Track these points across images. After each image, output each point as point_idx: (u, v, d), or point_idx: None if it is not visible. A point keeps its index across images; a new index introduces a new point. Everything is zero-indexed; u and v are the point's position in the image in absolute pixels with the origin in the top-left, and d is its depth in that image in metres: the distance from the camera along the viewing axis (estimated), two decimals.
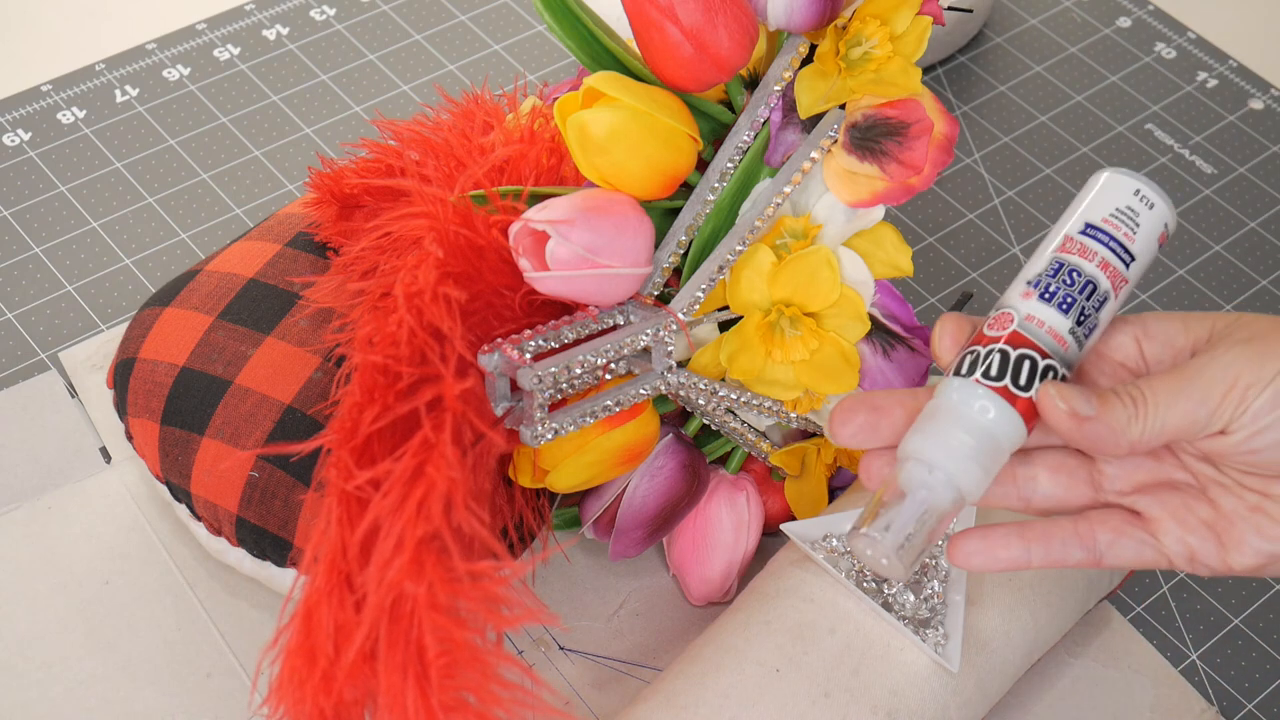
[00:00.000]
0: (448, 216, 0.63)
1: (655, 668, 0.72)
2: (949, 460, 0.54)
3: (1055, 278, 0.56)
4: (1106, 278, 0.57)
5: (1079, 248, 0.57)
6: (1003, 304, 0.57)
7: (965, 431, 0.55)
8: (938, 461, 0.54)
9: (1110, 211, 0.57)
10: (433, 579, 0.56)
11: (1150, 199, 0.58)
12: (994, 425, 0.55)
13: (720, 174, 0.67)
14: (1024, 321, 0.56)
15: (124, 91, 0.96)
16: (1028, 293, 0.57)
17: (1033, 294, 0.56)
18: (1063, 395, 0.54)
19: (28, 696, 0.70)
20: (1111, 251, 0.57)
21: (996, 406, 0.55)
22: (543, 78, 0.99)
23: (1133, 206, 0.57)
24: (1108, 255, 0.57)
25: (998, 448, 0.55)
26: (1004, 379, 0.55)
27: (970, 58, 1.02)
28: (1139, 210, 0.57)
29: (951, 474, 0.54)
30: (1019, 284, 0.57)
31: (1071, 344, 0.56)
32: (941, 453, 0.54)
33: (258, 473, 0.70)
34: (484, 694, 0.56)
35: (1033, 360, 0.55)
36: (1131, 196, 0.57)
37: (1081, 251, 0.57)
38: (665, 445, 0.69)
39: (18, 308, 0.85)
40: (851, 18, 0.66)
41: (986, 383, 0.55)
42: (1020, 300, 0.57)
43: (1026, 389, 0.55)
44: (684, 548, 0.72)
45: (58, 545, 0.75)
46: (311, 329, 0.73)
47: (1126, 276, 0.57)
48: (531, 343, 0.63)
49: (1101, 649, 0.74)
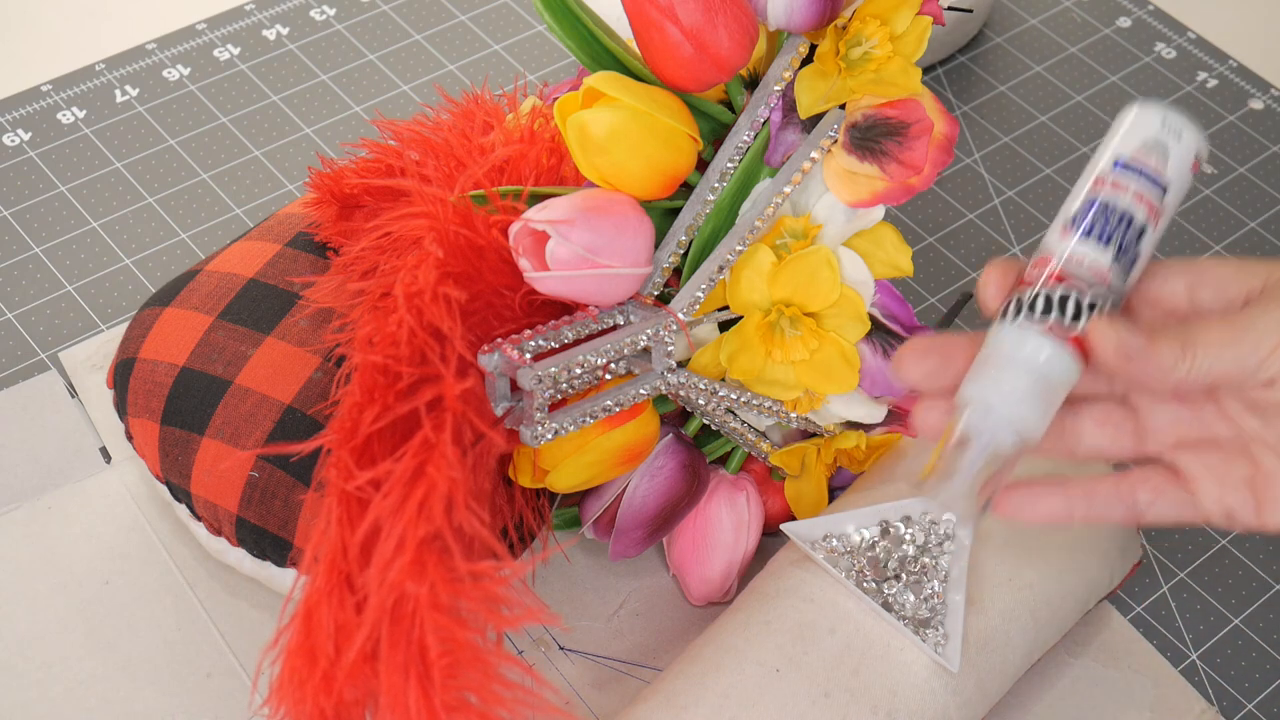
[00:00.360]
0: (448, 216, 0.63)
1: (655, 668, 0.72)
2: (1007, 404, 0.55)
3: (1091, 214, 0.57)
4: (1143, 209, 0.57)
5: (1112, 183, 0.57)
6: (1042, 247, 0.57)
7: (1020, 374, 0.55)
8: (996, 406, 0.55)
9: (1139, 144, 0.58)
10: (434, 579, 0.56)
11: (1178, 129, 0.58)
12: (1048, 365, 0.55)
13: (720, 174, 0.67)
14: (1065, 260, 0.56)
15: (124, 91, 0.96)
16: (1066, 232, 0.57)
17: (1071, 232, 0.57)
18: (1113, 329, 0.54)
19: (28, 696, 0.70)
20: (1145, 183, 0.57)
21: (1048, 346, 0.55)
22: (543, 78, 0.99)
23: (1160, 139, 0.58)
24: (1141, 187, 0.57)
25: (1053, 387, 0.55)
26: (1051, 318, 0.55)
27: (970, 58, 1.02)
28: (1168, 142, 0.58)
29: (1010, 417, 0.55)
30: (1056, 226, 0.58)
31: (1115, 278, 0.56)
32: (998, 397, 0.55)
33: (258, 473, 0.70)
34: (486, 694, 0.56)
35: (1078, 297, 0.56)
36: (1159, 129, 0.58)
37: (1115, 186, 0.57)
38: (665, 445, 0.69)
39: (18, 308, 0.85)
40: (851, 18, 0.66)
41: (1037, 324, 0.55)
42: (1059, 240, 0.57)
43: (1075, 326, 0.55)
44: (684, 548, 0.72)
45: (58, 545, 0.75)
46: (311, 329, 0.73)
47: (1162, 207, 0.57)
48: (531, 343, 0.63)
49: (1101, 649, 0.74)
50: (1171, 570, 0.78)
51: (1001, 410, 0.55)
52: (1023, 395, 0.55)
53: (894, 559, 0.67)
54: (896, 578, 0.67)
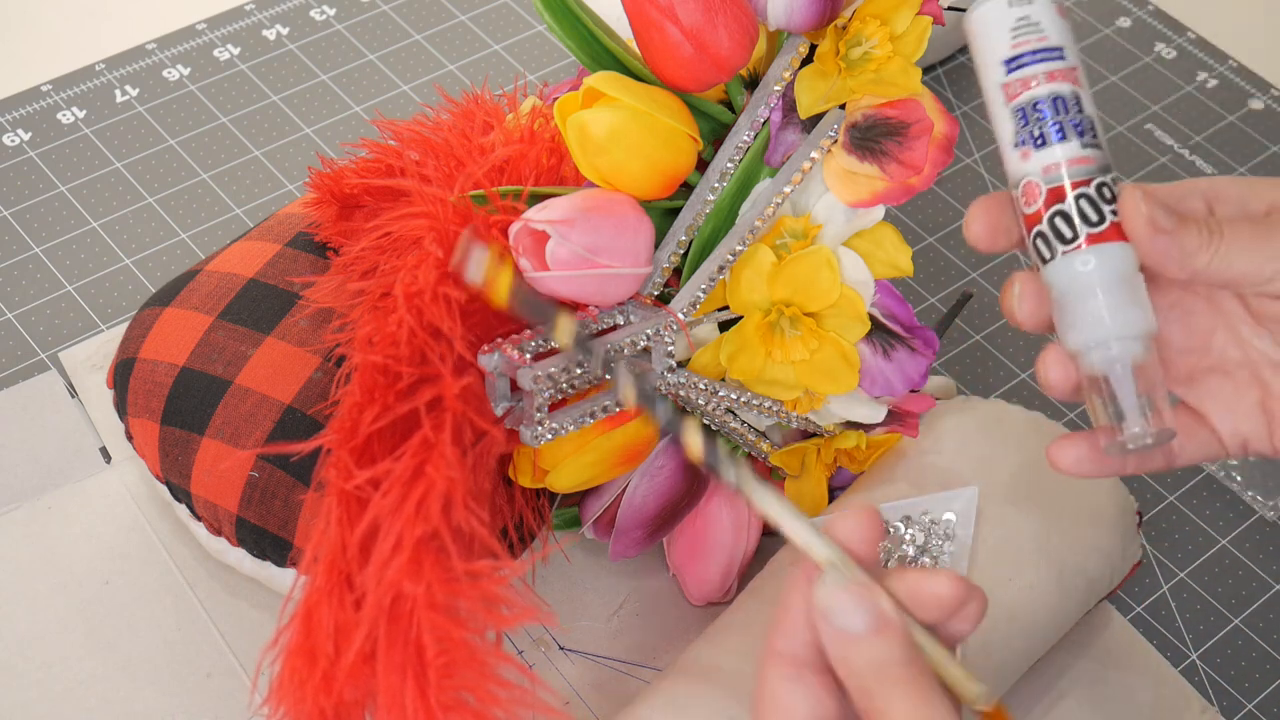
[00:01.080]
0: (448, 216, 0.63)
1: (655, 668, 0.72)
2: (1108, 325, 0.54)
3: (1028, 124, 0.55)
4: (1063, 82, 0.55)
5: (1018, 84, 0.55)
6: (1015, 179, 0.56)
7: (1095, 293, 0.54)
8: (1101, 336, 0.54)
9: (1008, 36, 0.56)
10: (431, 579, 0.56)
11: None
12: (1107, 268, 0.54)
13: (720, 174, 0.67)
14: (1044, 176, 0.55)
15: (124, 91, 0.96)
16: (1025, 153, 0.56)
17: (1029, 151, 0.55)
18: (1147, 202, 0.54)
19: (28, 696, 0.70)
20: (1041, 61, 0.55)
21: (1094, 253, 0.54)
22: (543, 78, 0.99)
23: (1018, 15, 0.56)
24: (1044, 67, 0.55)
25: (1129, 280, 0.54)
26: (1078, 230, 0.54)
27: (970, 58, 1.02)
28: (1025, 13, 0.56)
29: (1120, 332, 0.54)
30: (1010, 154, 0.56)
31: (1093, 152, 0.55)
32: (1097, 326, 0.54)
33: (258, 473, 0.70)
34: (483, 694, 0.56)
35: (1079, 196, 0.55)
36: (1007, 9, 0.56)
37: (1023, 85, 0.55)
38: (665, 445, 0.69)
39: (18, 308, 0.85)
40: (851, 18, 0.66)
41: (1070, 248, 0.54)
42: (1024, 164, 0.55)
43: (1100, 221, 0.54)
44: (684, 548, 0.72)
45: (58, 545, 0.75)
46: (311, 329, 0.73)
47: (1071, 64, 0.56)
48: (531, 343, 0.63)
49: (1101, 649, 0.74)
50: (1171, 570, 0.78)
51: (1109, 333, 0.54)
52: (1113, 307, 0.54)
53: (894, 559, 0.67)
54: None
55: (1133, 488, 0.81)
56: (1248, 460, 0.82)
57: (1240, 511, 0.80)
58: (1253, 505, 0.80)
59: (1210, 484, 0.81)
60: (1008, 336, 0.87)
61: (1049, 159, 0.55)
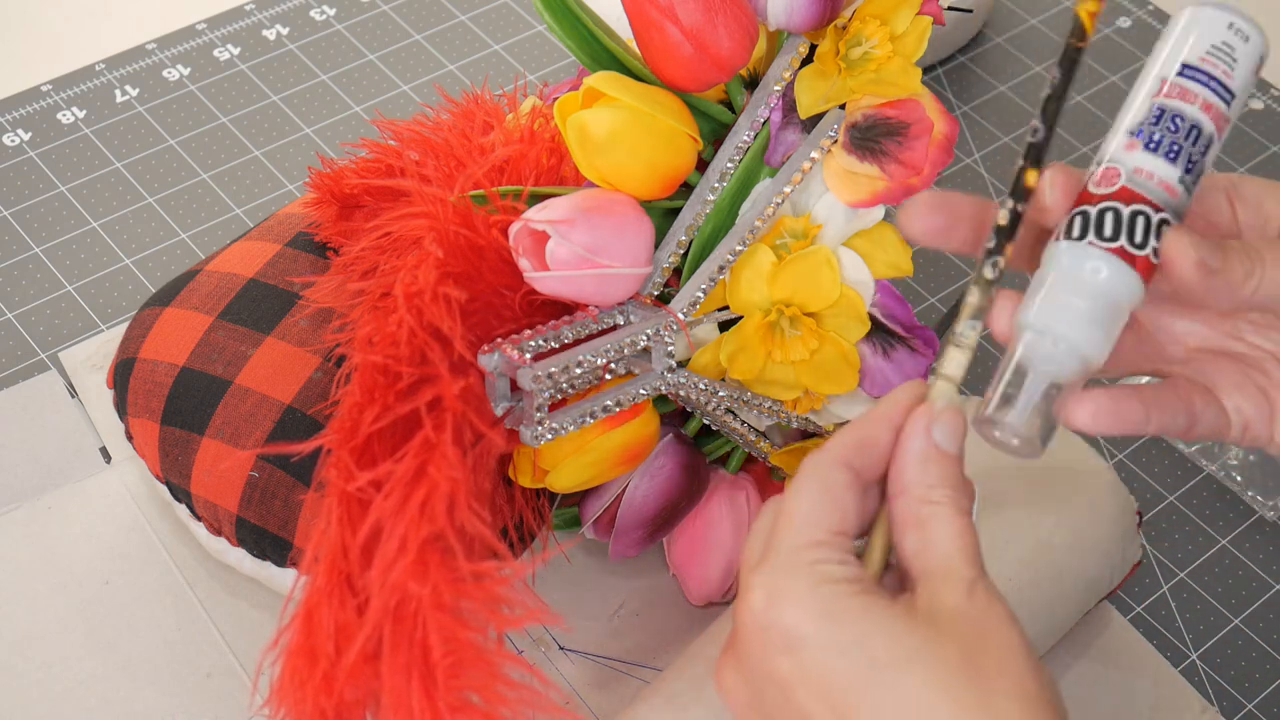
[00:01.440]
0: (448, 216, 0.63)
1: (655, 668, 0.72)
2: (1069, 327, 0.52)
3: (1158, 125, 0.53)
4: (1210, 120, 0.53)
5: (1179, 91, 0.54)
6: (1106, 158, 0.54)
7: (1082, 296, 0.52)
8: (1057, 330, 0.52)
9: (1206, 49, 0.54)
10: (437, 580, 0.56)
11: (1245, 31, 0.54)
12: (1111, 287, 0.52)
13: (720, 174, 0.67)
14: (1132, 175, 0.53)
15: (124, 91, 0.96)
16: (1131, 144, 0.53)
17: (1137, 144, 0.53)
18: (1195, 245, 0.52)
19: (28, 696, 0.70)
20: (1212, 92, 0.54)
21: (1112, 267, 0.52)
22: (543, 78, 0.99)
23: (1228, 41, 0.54)
24: (1209, 96, 0.54)
25: (1118, 309, 0.52)
26: (1119, 239, 0.52)
27: (970, 58, 1.02)
28: (1235, 45, 0.54)
29: (1073, 341, 0.52)
30: (1119, 135, 0.54)
31: (1181, 193, 0.53)
32: (1061, 319, 0.52)
33: (258, 473, 0.70)
34: (489, 694, 0.56)
35: (1147, 216, 0.52)
36: (1226, 30, 0.54)
37: (1182, 95, 0.53)
38: (665, 445, 0.69)
39: (18, 308, 0.85)
40: (851, 18, 0.66)
41: (1101, 244, 0.52)
42: (1125, 153, 0.53)
43: (1143, 246, 0.52)
44: (684, 548, 0.72)
45: (58, 545, 0.75)
46: (311, 329, 0.73)
47: (1229, 115, 0.54)
48: (531, 343, 0.63)
49: (1101, 649, 0.74)
50: (1171, 570, 0.78)
51: (1065, 334, 0.51)
52: (1087, 318, 0.51)
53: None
54: None
55: (1133, 488, 0.81)
56: (1248, 460, 0.82)
57: (1240, 511, 0.80)
58: (1253, 505, 0.81)
59: (1210, 484, 0.81)
60: None
61: (1148, 165, 0.53)
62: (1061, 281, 0.52)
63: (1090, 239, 0.52)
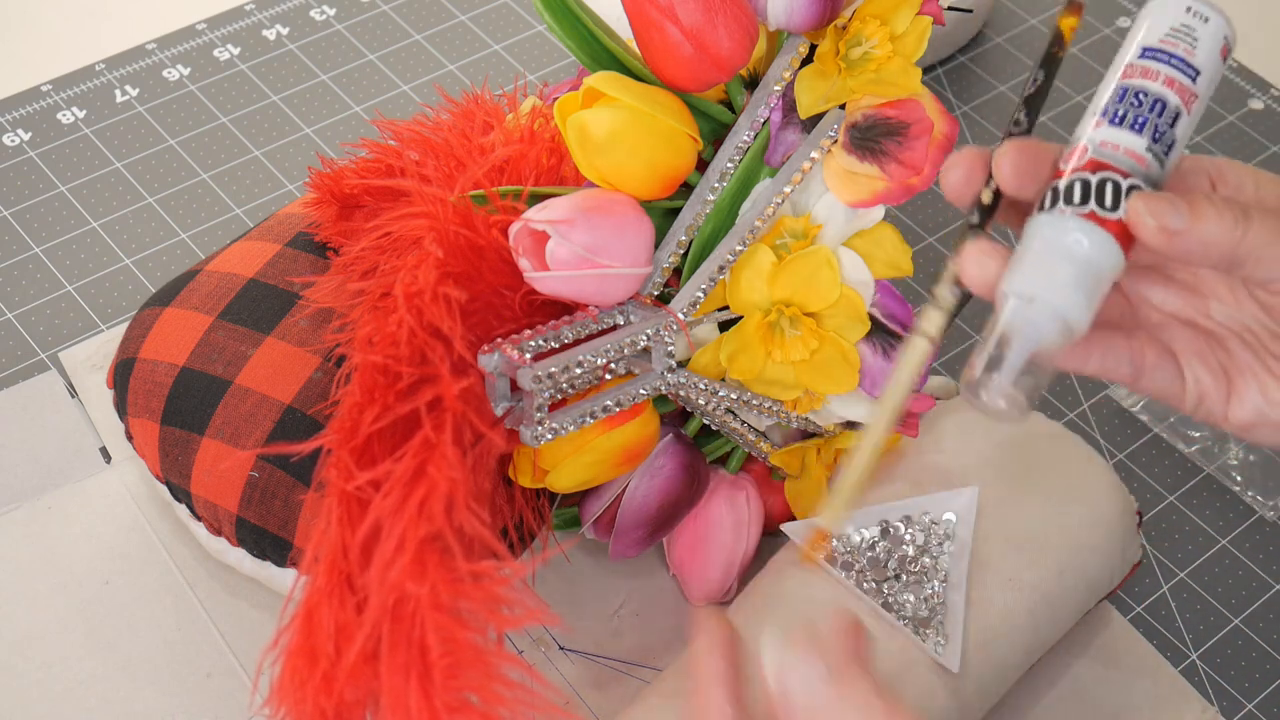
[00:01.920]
0: (448, 216, 0.63)
1: (655, 668, 0.72)
2: (1051, 292, 0.53)
3: (1122, 102, 0.56)
4: (1175, 94, 0.56)
5: (1140, 70, 0.56)
6: (1074, 139, 0.56)
7: (1062, 263, 0.53)
8: (1040, 294, 0.53)
9: (1165, 31, 0.56)
10: (435, 580, 0.56)
11: (1204, 13, 0.57)
12: (1090, 253, 0.53)
13: (720, 174, 0.67)
14: (1099, 148, 0.55)
15: (124, 91, 0.96)
16: (1098, 122, 0.55)
17: (1103, 122, 0.55)
18: (1151, 210, 0.53)
19: (28, 696, 0.70)
20: (1174, 68, 0.56)
21: (1089, 233, 0.53)
22: (543, 78, 0.99)
23: (1187, 23, 0.57)
24: (1171, 73, 0.56)
25: (1098, 276, 0.54)
26: (1089, 203, 0.54)
27: (970, 58, 1.02)
28: (1194, 25, 0.57)
29: (1056, 306, 0.53)
30: (1087, 119, 0.56)
31: (1151, 161, 0.55)
32: (1043, 286, 0.53)
33: (258, 473, 0.70)
34: (487, 694, 0.56)
35: (1115, 182, 0.54)
36: (1184, 14, 0.57)
37: (1144, 73, 0.56)
38: (665, 445, 0.69)
39: (18, 308, 0.85)
40: (851, 18, 0.66)
41: (1072, 209, 0.54)
42: (1091, 130, 0.55)
43: (1114, 209, 0.54)
44: (684, 548, 0.72)
45: (58, 545, 0.75)
46: (311, 329, 0.73)
47: (1195, 91, 0.56)
48: (531, 343, 0.63)
49: (1101, 649, 0.74)
50: (1171, 570, 0.78)
51: (1046, 301, 0.53)
52: (1067, 284, 0.53)
53: (894, 559, 0.67)
54: (896, 578, 0.67)
55: (1133, 488, 0.81)
56: (1248, 460, 0.82)
57: (1240, 511, 0.80)
58: (1253, 505, 0.80)
59: (1210, 484, 0.81)
60: None
61: (1113, 138, 0.55)
62: (1041, 250, 0.54)
63: (1061, 206, 0.54)
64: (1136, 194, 0.54)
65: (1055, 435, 0.73)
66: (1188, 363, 0.57)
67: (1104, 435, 0.83)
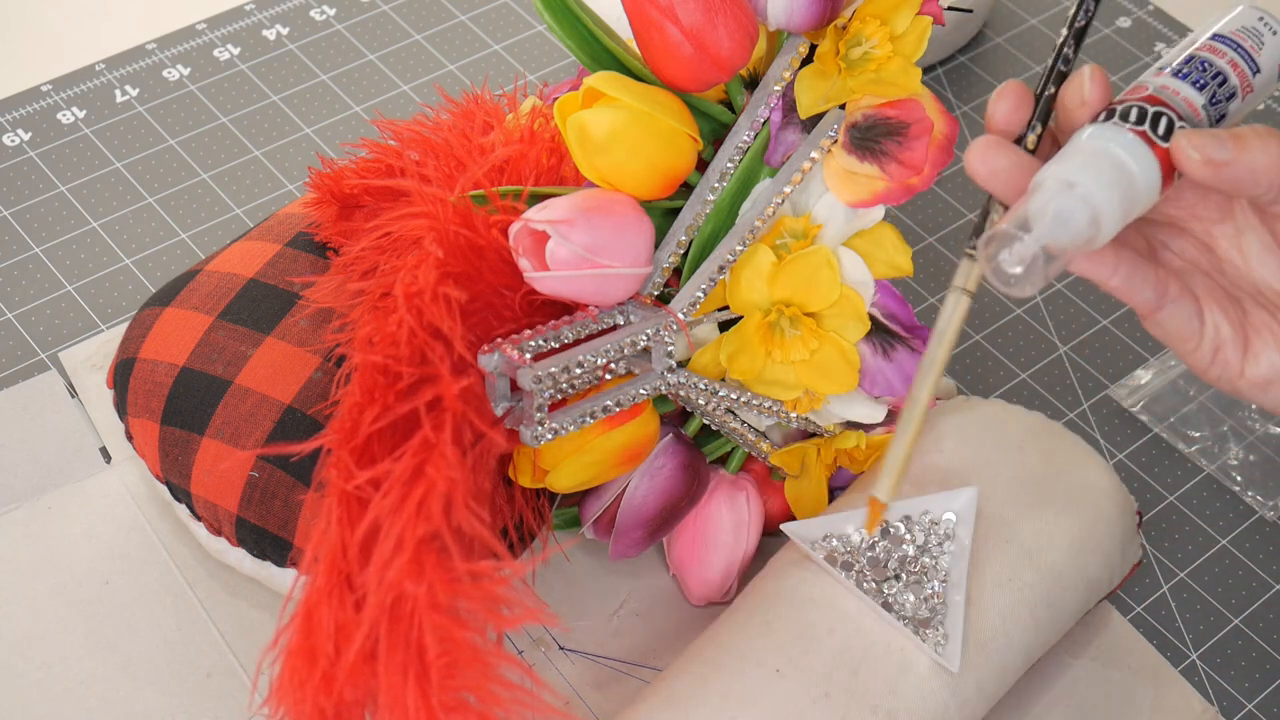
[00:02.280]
0: (448, 216, 0.63)
1: (655, 668, 0.72)
2: (1091, 184, 0.54)
3: (1188, 64, 0.58)
4: (1235, 75, 0.58)
5: (1208, 47, 0.59)
6: (1137, 82, 0.58)
7: (1105, 163, 0.54)
8: (1080, 183, 0.54)
9: (1237, 27, 0.59)
10: (433, 579, 0.56)
11: (1275, 26, 0.60)
12: (1135, 165, 0.54)
13: (720, 174, 0.67)
14: (1160, 88, 0.57)
15: (124, 91, 0.96)
16: (1160, 72, 0.58)
17: (1165, 73, 0.58)
18: (1194, 144, 0.54)
19: (28, 697, 0.70)
20: (1239, 55, 0.58)
21: (1138, 147, 0.55)
22: (543, 78, 0.99)
23: (1257, 28, 0.60)
24: (1236, 57, 0.58)
25: (1136, 189, 0.55)
26: (1144, 125, 0.55)
27: (970, 58, 1.02)
28: (1263, 32, 0.59)
29: (1092, 197, 0.53)
30: (1150, 72, 0.58)
31: (1205, 119, 0.57)
32: (1084, 177, 0.54)
33: (258, 473, 0.70)
34: (484, 694, 0.56)
35: (1169, 117, 0.56)
36: (1257, 21, 0.60)
37: (1211, 50, 0.58)
38: (665, 445, 0.69)
39: (18, 308, 0.85)
40: (851, 18, 0.66)
41: (1127, 125, 0.55)
42: (1153, 77, 0.58)
43: (1164, 139, 0.55)
44: (684, 548, 0.72)
45: (58, 545, 0.75)
46: (311, 329, 0.73)
47: (1252, 84, 0.59)
48: (531, 343, 0.63)
49: (1101, 649, 0.74)
50: (1171, 570, 0.78)
51: (1084, 189, 0.53)
52: (1106, 182, 0.54)
53: (894, 559, 0.67)
54: (896, 578, 0.67)
55: (1133, 488, 0.81)
56: (1248, 460, 0.82)
57: (1240, 511, 0.80)
58: (1253, 505, 0.80)
59: (1210, 484, 0.81)
60: (1008, 336, 0.87)
61: (1174, 85, 0.57)
62: (1088, 149, 0.55)
63: (1116, 120, 0.55)
64: (1181, 130, 0.55)
65: (1055, 435, 0.73)
66: (1208, 307, 0.58)
67: (1104, 435, 0.83)
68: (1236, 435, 0.83)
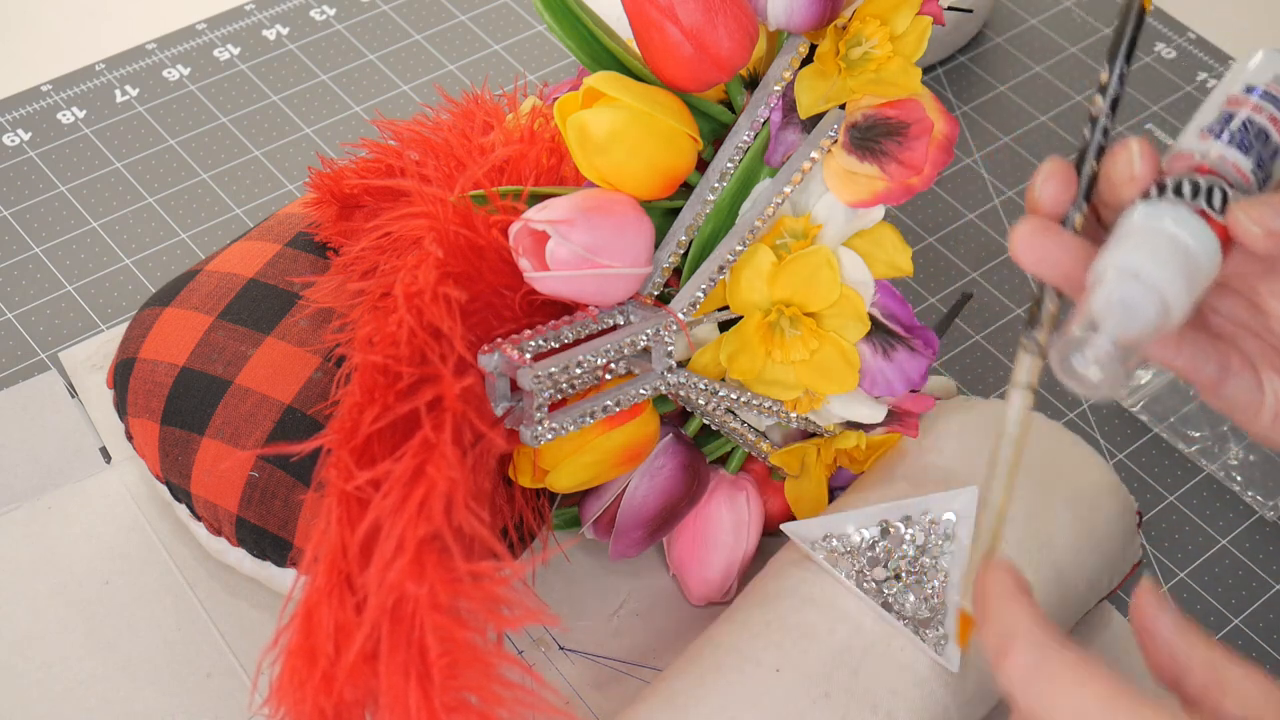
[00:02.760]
0: (448, 216, 0.63)
1: (655, 668, 0.72)
2: (1156, 271, 0.51)
3: (1230, 124, 0.55)
4: (1276, 131, 0.55)
5: (1252, 105, 0.56)
6: (1179, 148, 0.55)
7: (1168, 246, 0.52)
8: (1145, 272, 0.51)
9: (1272, 77, 0.56)
10: (434, 580, 0.56)
11: None
12: (1196, 244, 0.52)
13: (720, 174, 0.67)
14: (1206, 156, 0.54)
15: (124, 91, 0.96)
16: (1204, 136, 0.55)
17: (1209, 137, 0.55)
18: (1253, 217, 0.52)
19: (28, 697, 0.70)
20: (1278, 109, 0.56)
21: (1197, 225, 0.52)
22: (543, 78, 0.99)
23: None
24: (1275, 111, 0.56)
25: (1199, 268, 0.52)
26: (1199, 199, 0.53)
27: (970, 58, 1.02)
28: None
29: (1160, 285, 0.51)
30: (1192, 132, 0.56)
31: (1254, 184, 0.54)
32: (1148, 264, 0.51)
33: (258, 473, 0.70)
34: (486, 694, 0.56)
35: (1223, 189, 0.53)
36: None
37: (1253, 108, 0.55)
38: (665, 445, 0.69)
39: (18, 308, 0.85)
40: (851, 18, 0.66)
41: (1182, 201, 0.53)
42: (1198, 142, 0.55)
43: (1220, 211, 0.53)
44: (684, 548, 0.72)
45: (58, 545, 0.75)
46: (311, 329, 0.73)
47: None
48: (531, 343, 0.63)
49: (1101, 649, 0.74)
50: (1171, 570, 0.78)
51: (1150, 278, 0.51)
52: (1171, 266, 0.51)
53: (894, 559, 0.67)
54: (896, 578, 0.67)
55: (1133, 488, 0.81)
56: (1248, 460, 0.82)
57: (1240, 511, 0.80)
58: (1253, 505, 0.80)
59: (1210, 484, 0.81)
60: (1008, 336, 0.87)
61: (1221, 151, 0.54)
62: (1147, 232, 0.52)
63: (1170, 196, 0.53)
64: (1239, 200, 0.53)
65: (1055, 435, 0.73)
66: (1265, 373, 0.57)
67: (1104, 435, 0.83)
68: (1237, 435, 0.83)
